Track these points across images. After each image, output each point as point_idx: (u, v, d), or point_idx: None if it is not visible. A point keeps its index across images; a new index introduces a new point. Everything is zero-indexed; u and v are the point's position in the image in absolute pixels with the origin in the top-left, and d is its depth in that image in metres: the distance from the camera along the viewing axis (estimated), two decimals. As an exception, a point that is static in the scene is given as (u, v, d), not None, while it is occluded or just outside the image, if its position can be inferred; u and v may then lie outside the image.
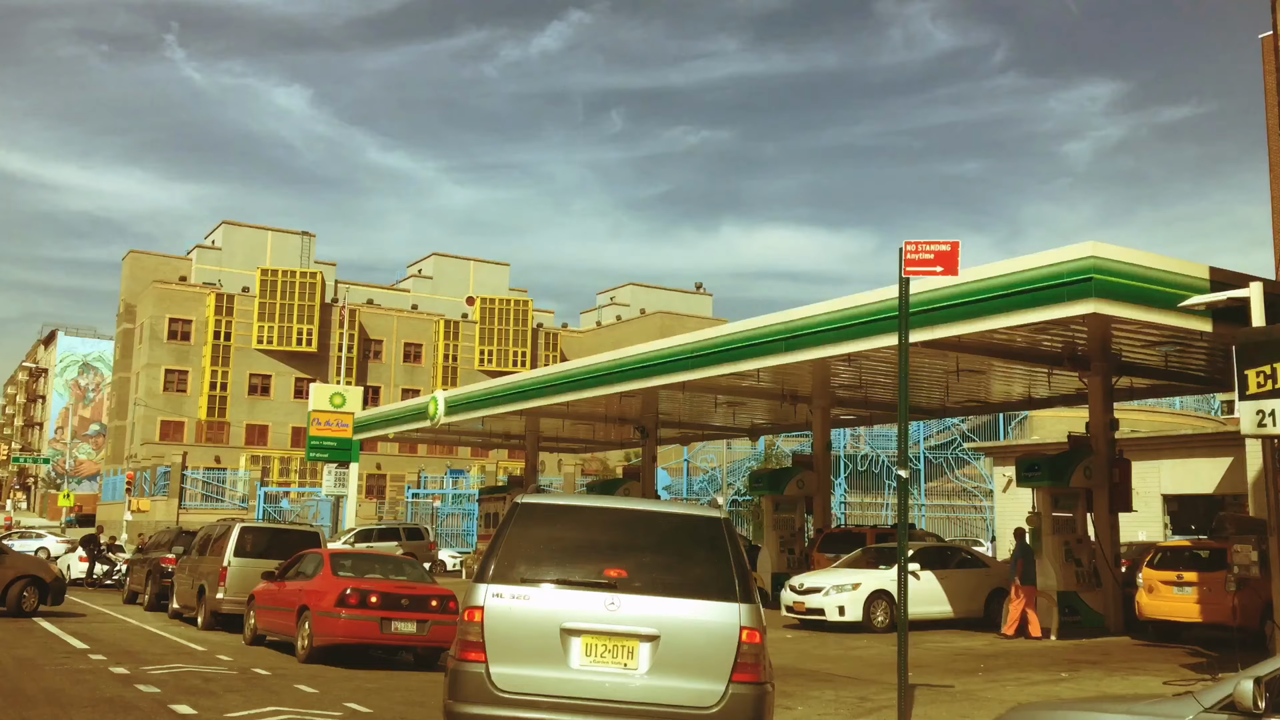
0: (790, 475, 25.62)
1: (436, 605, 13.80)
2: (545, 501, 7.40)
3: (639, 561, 6.91)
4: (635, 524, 7.19)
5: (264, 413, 77.70)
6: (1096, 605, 19.30)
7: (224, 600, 18.32)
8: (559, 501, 7.56)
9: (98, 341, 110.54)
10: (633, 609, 6.64)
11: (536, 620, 6.64)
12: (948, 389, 24.46)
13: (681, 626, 6.64)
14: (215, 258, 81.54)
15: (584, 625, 6.61)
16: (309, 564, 14.96)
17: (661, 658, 6.59)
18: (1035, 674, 13.95)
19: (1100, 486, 19.54)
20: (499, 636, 6.61)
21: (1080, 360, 19.66)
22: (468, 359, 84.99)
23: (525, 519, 7.10)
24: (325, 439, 41.29)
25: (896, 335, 17.70)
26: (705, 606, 6.70)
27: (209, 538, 20.43)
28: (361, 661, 14.40)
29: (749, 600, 6.79)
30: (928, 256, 9.52)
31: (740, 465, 56.93)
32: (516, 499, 7.34)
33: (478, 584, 6.83)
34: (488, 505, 36.65)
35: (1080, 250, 14.77)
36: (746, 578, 6.96)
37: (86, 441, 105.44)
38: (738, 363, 21.34)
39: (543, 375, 28.90)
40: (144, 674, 12.38)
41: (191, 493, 64.54)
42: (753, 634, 6.69)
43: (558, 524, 7.16)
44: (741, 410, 30.39)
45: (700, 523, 7.20)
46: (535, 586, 6.75)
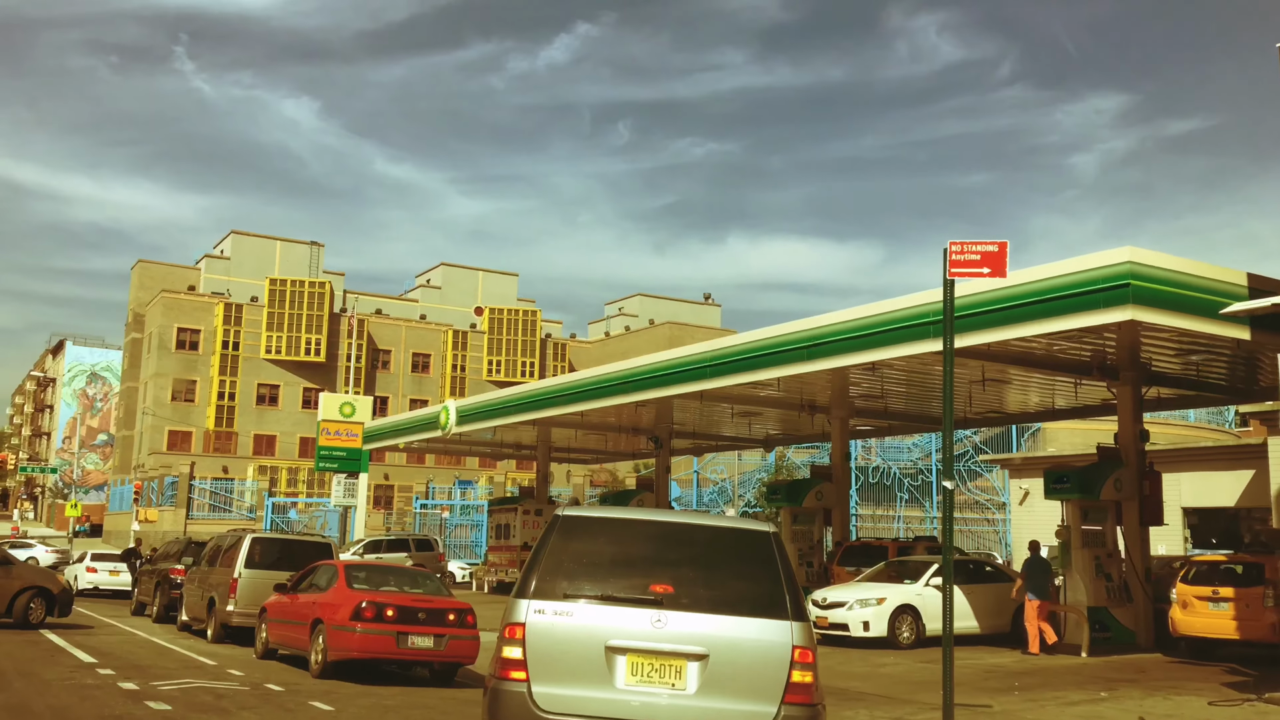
0: (809, 486, 25.18)
1: (454, 619, 13.39)
2: (587, 514, 7.11)
3: (685, 577, 6.65)
4: (680, 537, 6.94)
5: (272, 423, 77.40)
6: (1127, 621, 18.83)
7: (234, 612, 17.92)
8: (602, 514, 7.19)
9: (106, 351, 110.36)
10: (680, 626, 6.38)
11: (580, 638, 6.39)
12: (970, 399, 24.01)
13: (731, 645, 6.39)
14: (224, 267, 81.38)
15: (630, 643, 6.36)
16: (322, 576, 14.55)
17: (711, 678, 6.34)
18: (1073, 693, 13.49)
19: (1130, 499, 19.08)
20: (541, 654, 6.37)
21: (1109, 370, 19.23)
22: (476, 369, 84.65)
23: (567, 532, 6.84)
24: (334, 449, 40.98)
25: (922, 343, 17.49)
26: (756, 624, 6.46)
27: (219, 548, 20.05)
28: (376, 677, 13.99)
29: (801, 618, 6.55)
30: (974, 257, 9.11)
31: (750, 477, 56.51)
32: (558, 511, 7.11)
33: (518, 599, 6.55)
34: (498, 516, 36.24)
35: (1117, 255, 14.37)
36: (798, 594, 6.72)
37: (94, 451, 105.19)
38: (756, 372, 20.95)
39: (556, 384, 28.51)
40: (154, 690, 11.99)
41: (199, 503, 64.23)
42: (805, 653, 6.45)
43: (600, 537, 6.90)
44: (756, 420, 29.99)
45: (748, 536, 6.94)
46: (579, 602, 6.49)
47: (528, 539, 33.94)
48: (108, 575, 31.48)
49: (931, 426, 30.37)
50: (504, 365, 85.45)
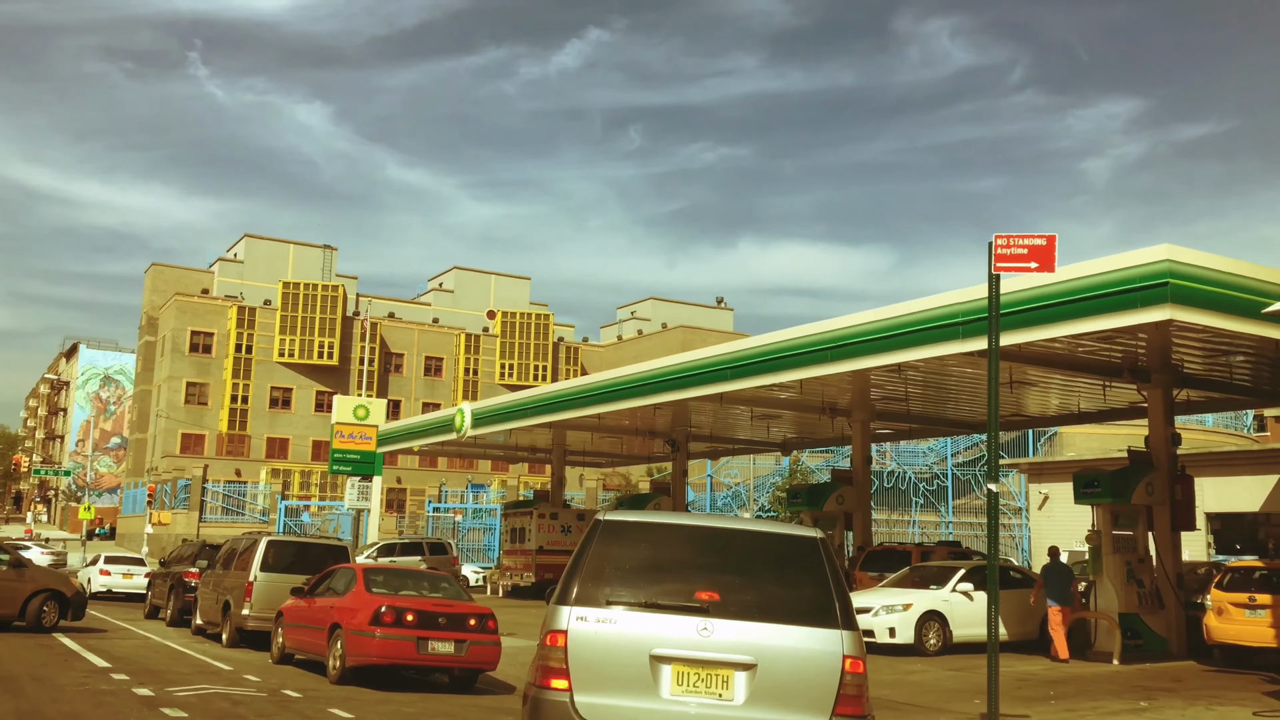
0: (830, 490, 24.83)
1: (475, 624, 13.08)
2: (629, 518, 6.92)
3: (731, 584, 6.47)
4: (725, 543, 6.73)
5: (285, 426, 77.29)
6: (1159, 628, 18.42)
7: (250, 616, 17.64)
8: (644, 518, 7.03)
9: (119, 354, 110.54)
10: (727, 635, 6.20)
11: (624, 646, 6.22)
12: (995, 402, 23.62)
13: (780, 654, 6.21)
14: (237, 270, 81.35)
15: (675, 652, 6.19)
16: (340, 580, 14.25)
17: (759, 688, 6.16)
18: (1111, 702, 13.12)
19: (1162, 504, 18.68)
20: (584, 663, 6.19)
21: (1140, 372, 18.83)
22: (488, 373, 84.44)
23: (609, 537, 6.66)
24: (348, 452, 40.73)
25: (950, 344, 17.13)
26: (805, 633, 6.27)
27: (234, 551, 19.79)
28: (395, 683, 13.69)
29: (851, 627, 6.36)
30: (1021, 251, 8.78)
31: (764, 481, 56.14)
32: (598, 515, 6.91)
33: (560, 606, 6.38)
34: (513, 520, 35.93)
35: (1155, 254, 14.01)
36: (848, 602, 6.52)
37: (107, 454, 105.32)
38: (776, 374, 20.61)
39: (572, 387, 28.22)
40: (169, 696, 11.71)
41: (212, 506, 64.08)
42: (856, 663, 6.26)
43: (643, 542, 6.72)
44: (774, 424, 29.65)
45: (795, 542, 6.75)
46: (622, 609, 6.31)
47: (543, 543, 33.67)
48: (121, 578, 31.28)
49: (953, 430, 30.04)
50: (516, 369, 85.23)
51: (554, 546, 33.78)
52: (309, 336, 77.70)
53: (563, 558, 33.92)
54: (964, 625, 18.74)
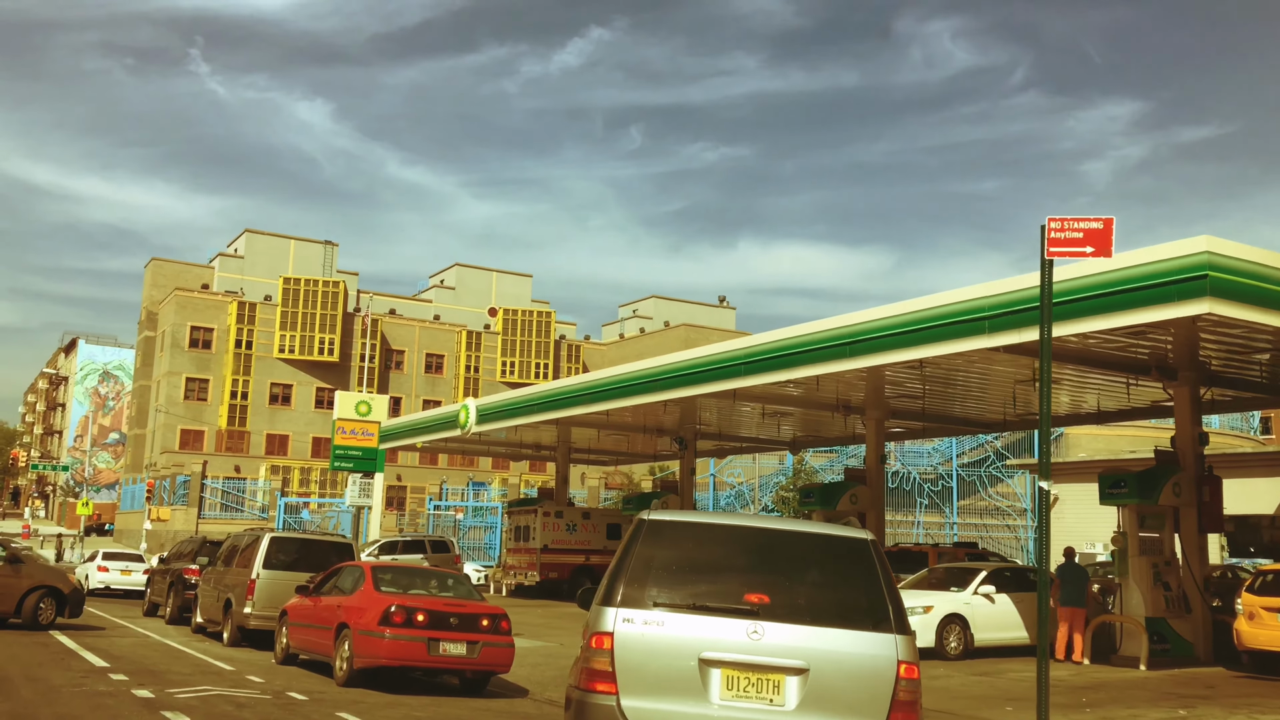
0: (843, 489, 24.33)
1: (488, 624, 12.59)
2: (674, 518, 6.79)
3: (780, 586, 6.34)
4: (773, 544, 6.59)
5: (284, 422, 76.82)
6: (1185, 633, 17.93)
7: (252, 615, 17.17)
8: (689, 518, 6.90)
9: (118, 350, 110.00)
10: (778, 638, 6.08)
11: (672, 649, 6.07)
12: (1014, 400, 23.15)
13: (833, 659, 6.07)
14: (237, 266, 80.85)
15: (725, 655, 6.05)
16: (347, 578, 13.75)
17: (811, 693, 6.02)
18: (1148, 710, 12.64)
19: (1189, 505, 18.19)
20: (631, 666, 6.05)
21: (1167, 369, 18.35)
22: (490, 370, 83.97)
23: (653, 537, 6.52)
24: (350, 448, 40.11)
25: (975, 339, 16.63)
26: (858, 638, 6.15)
27: (235, 548, 19.31)
28: (403, 685, 13.20)
29: (905, 631, 6.26)
30: (1075, 235, 8.29)
31: (767, 480, 55.68)
32: (642, 515, 6.74)
33: (604, 607, 6.24)
34: (517, 518, 35.42)
35: (1194, 245, 13.52)
36: (901, 606, 6.41)
37: (106, 450, 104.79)
38: (791, 369, 20.10)
39: (579, 383, 27.71)
40: (170, 698, 11.22)
41: (211, 502, 63.59)
42: (911, 669, 6.15)
43: (688, 543, 6.57)
44: (785, 422, 29.18)
45: (845, 544, 6.64)
46: (670, 611, 6.17)
47: (548, 541, 33.18)
48: (119, 575, 30.78)
49: (967, 429, 29.57)
50: (518, 366, 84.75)
51: (559, 545, 33.31)
52: (309, 332, 77.20)
53: (568, 557, 33.49)
54: (986, 629, 18.27)
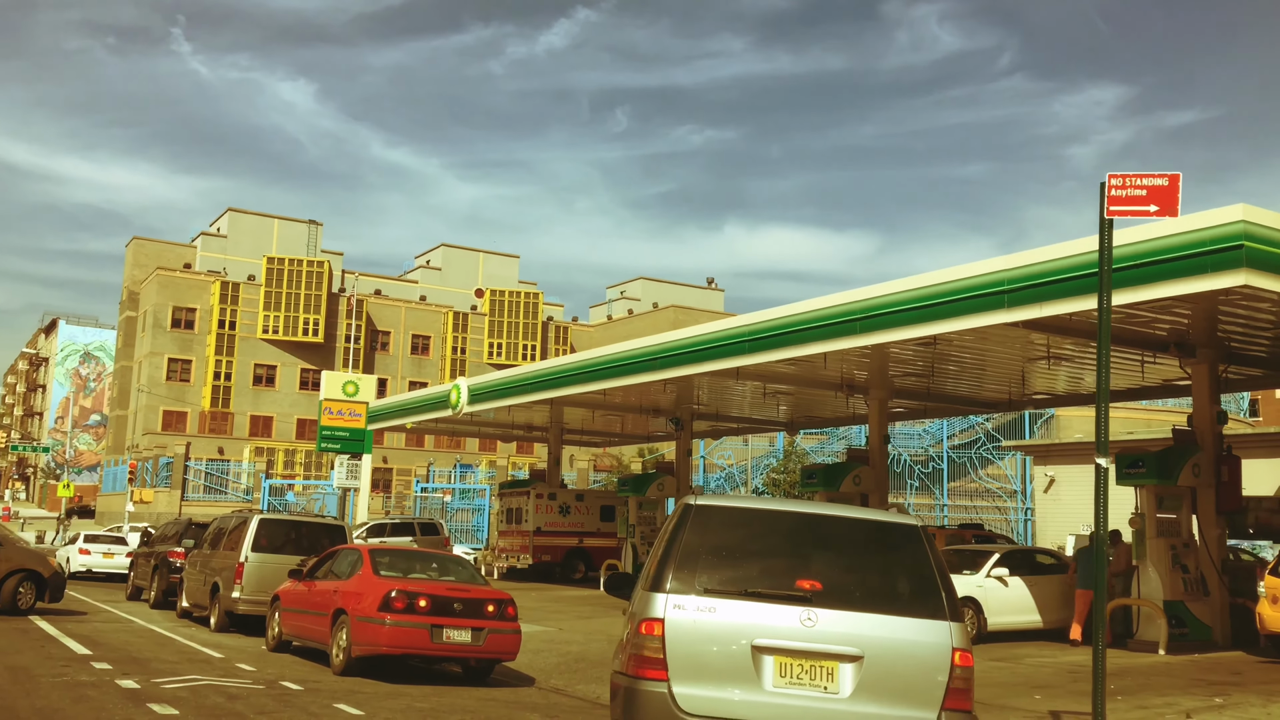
0: (846, 471, 23.76)
1: (493, 610, 11.96)
2: (721, 503, 6.73)
3: (832, 572, 6.32)
4: (822, 530, 6.57)
5: (268, 404, 75.90)
6: (1204, 616, 17.43)
7: (240, 600, 16.54)
8: (736, 504, 6.83)
9: (99, 330, 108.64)
10: (832, 625, 6.05)
11: (724, 636, 6.04)
12: (1023, 379, 22.60)
13: (887, 646, 6.05)
14: (220, 245, 79.71)
15: (778, 643, 6.03)
16: (344, 561, 13.10)
17: (865, 681, 6.00)
18: (1182, 698, 12.11)
19: (1207, 485, 17.69)
20: (682, 653, 6.01)
21: (1186, 346, 17.80)
22: (476, 351, 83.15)
23: (701, 522, 6.44)
24: (337, 429, 39.44)
25: (995, 314, 16.02)
26: (913, 624, 6.12)
27: (222, 530, 18.65)
28: (403, 673, 12.59)
29: (958, 618, 6.26)
30: (1138, 193, 7.68)
31: (758, 462, 55.25)
32: (688, 500, 6.67)
33: (654, 593, 6.18)
34: (509, 500, 34.78)
35: (1229, 214, 12.93)
36: (953, 592, 6.38)
37: (87, 432, 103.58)
38: (800, 346, 19.42)
39: (576, 361, 27.03)
40: (156, 689, 10.56)
41: (194, 484, 62.69)
42: (966, 656, 6.14)
43: (737, 528, 6.52)
44: (784, 402, 28.57)
45: (896, 529, 6.61)
46: (721, 598, 6.12)
47: (541, 524, 32.59)
48: (101, 557, 30.05)
49: (971, 409, 29.04)
50: (505, 348, 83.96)
51: (552, 528, 32.72)
52: (293, 313, 76.21)
53: (561, 539, 32.90)
54: (999, 613, 17.76)
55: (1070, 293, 14.57)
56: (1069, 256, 14.43)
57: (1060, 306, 14.77)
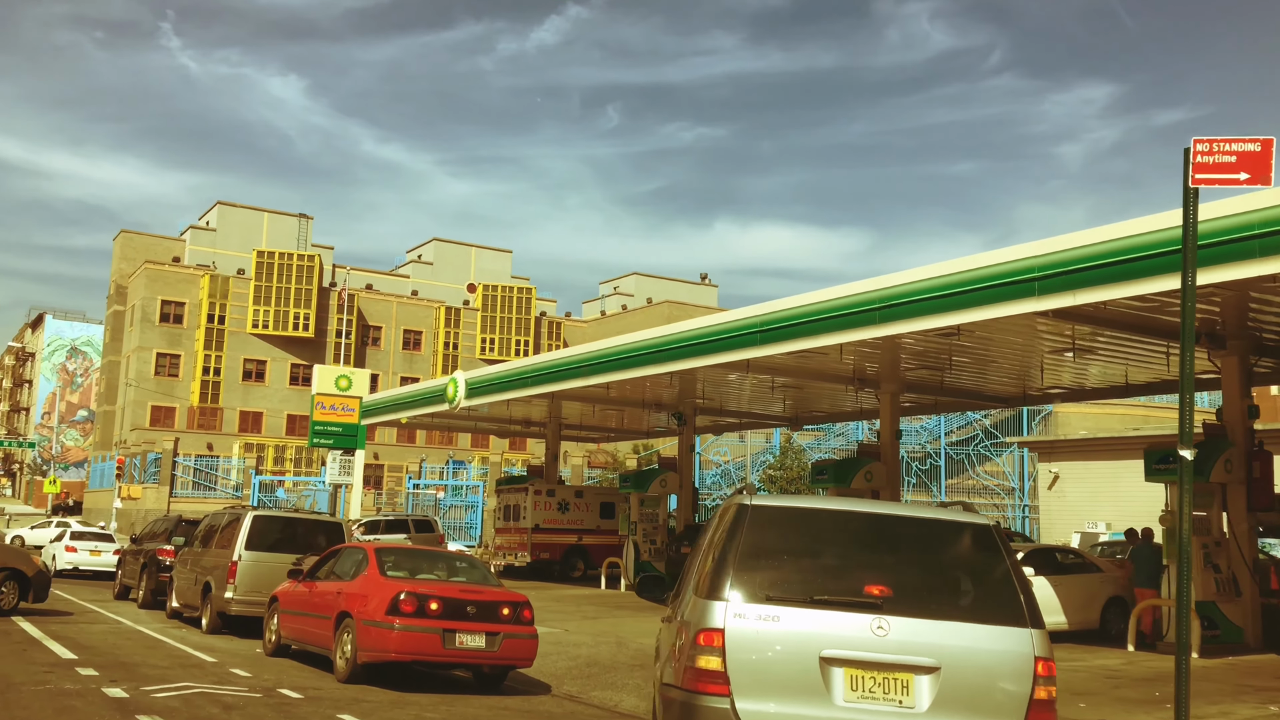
0: (857, 466, 23.07)
1: (509, 614, 11.24)
2: (780, 504, 6.37)
3: (902, 576, 5.93)
4: (889, 532, 6.18)
5: (258, 399, 74.94)
6: (1235, 617, 16.83)
7: (233, 600, 15.80)
8: (796, 504, 6.43)
9: (86, 325, 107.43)
10: (905, 634, 5.63)
11: (790, 646, 5.61)
12: (1041, 372, 21.97)
13: (965, 656, 5.63)
14: (209, 239, 78.67)
15: (848, 653, 5.60)
16: (348, 561, 12.35)
17: (944, 694, 5.58)
18: (1235, 706, 11.49)
19: (1238, 482, 17.08)
20: (745, 665, 5.58)
21: (1217, 338, 17.18)
22: (469, 347, 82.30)
23: (759, 525, 6.02)
24: (329, 424, 38.65)
25: (1024, 302, 15.35)
26: (992, 633, 5.70)
27: (214, 527, 17.90)
28: (410, 680, 11.86)
29: (1039, 625, 5.83)
30: (1227, 159, 7.01)
31: (755, 459, 54.63)
32: (744, 501, 6.23)
33: (711, 601, 5.71)
34: (506, 497, 34.04)
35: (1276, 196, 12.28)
36: (1033, 597, 5.95)
37: (74, 427, 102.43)
38: (816, 337, 18.75)
39: (579, 354, 26.31)
40: (146, 698, 9.83)
41: (183, 480, 61.71)
42: (1049, 666, 5.75)
43: (798, 530, 6.12)
44: (790, 396, 27.91)
45: (967, 530, 6.17)
46: (785, 606, 5.68)
47: (539, 521, 31.87)
48: (88, 555, 29.23)
49: (982, 404, 28.39)
50: (498, 343, 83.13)
51: (550, 525, 32.01)
52: (284, 307, 75.24)
53: (560, 536, 32.18)
54: (1025, 614, 17.09)
55: (1108, 279, 13.93)
56: (1107, 241, 13.80)
57: (1096, 294, 14.14)
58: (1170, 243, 13.05)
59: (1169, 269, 13.14)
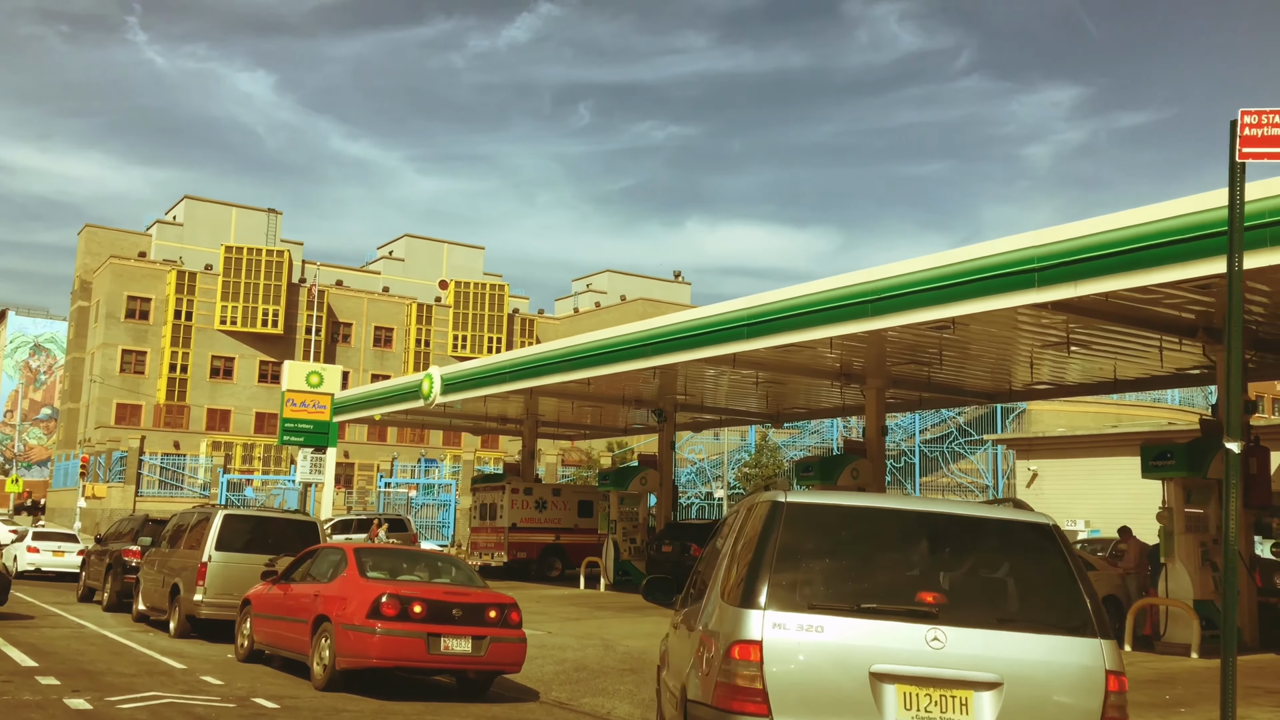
0: (844, 463, 22.67)
1: (496, 616, 10.68)
2: (819, 501, 5.76)
3: (957, 582, 5.45)
4: (940, 532, 5.65)
5: (226, 397, 73.76)
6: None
7: (203, 603, 15.13)
8: (836, 501, 5.87)
9: (50, 322, 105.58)
10: (963, 646, 5.12)
11: (836, 661, 5.09)
12: (1031, 367, 21.63)
13: (1029, 671, 5.13)
14: (176, 234, 77.36)
15: (901, 669, 5.09)
16: (324, 562, 11.74)
17: (1007, 713, 5.10)
18: (1250, 710, 11.11)
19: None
20: (786, 682, 5.05)
21: (1214, 331, 16.87)
22: (440, 344, 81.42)
23: (796, 525, 5.46)
24: (300, 421, 37.82)
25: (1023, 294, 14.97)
26: (1058, 644, 5.21)
27: (182, 527, 17.21)
28: (392, 687, 11.27)
29: (1109, 635, 5.34)
30: (1277, 132, 6.57)
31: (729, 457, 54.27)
32: (778, 498, 5.62)
33: (746, 609, 5.16)
34: (482, 495, 33.40)
35: (1295, 182, 11.93)
36: (1099, 605, 5.44)
37: (37, 426, 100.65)
38: (806, 330, 18.28)
39: (559, 349, 25.73)
40: (111, 710, 9.21)
41: (149, 479, 60.58)
42: (1121, 681, 5.28)
43: (838, 530, 5.58)
44: (772, 392, 27.46)
45: (1025, 529, 5.68)
46: (830, 615, 5.15)
47: (516, 520, 31.25)
48: (51, 555, 28.36)
49: (968, 400, 28.05)
50: (470, 340, 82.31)
51: (528, 524, 31.40)
52: (252, 303, 74.10)
53: (537, 536, 31.59)
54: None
55: (1112, 270, 13.54)
56: (1111, 230, 13.42)
57: (1099, 285, 13.75)
58: (1175, 232, 12.69)
59: (1176, 259, 12.80)
